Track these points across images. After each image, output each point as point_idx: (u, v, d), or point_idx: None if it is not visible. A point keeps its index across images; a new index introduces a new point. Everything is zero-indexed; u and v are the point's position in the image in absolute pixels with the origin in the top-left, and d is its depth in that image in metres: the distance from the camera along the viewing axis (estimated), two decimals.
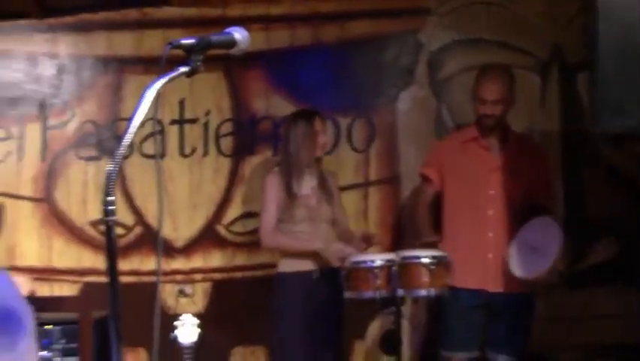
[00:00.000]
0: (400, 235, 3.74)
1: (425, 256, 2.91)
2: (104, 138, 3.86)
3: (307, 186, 3.26)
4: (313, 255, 3.17)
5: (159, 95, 1.31)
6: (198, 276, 3.77)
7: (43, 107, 3.90)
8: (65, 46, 3.94)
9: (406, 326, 3.42)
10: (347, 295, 3.00)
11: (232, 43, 1.41)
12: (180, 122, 3.84)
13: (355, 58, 3.84)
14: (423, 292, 2.96)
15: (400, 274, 2.89)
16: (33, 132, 3.90)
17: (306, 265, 3.19)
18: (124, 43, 3.90)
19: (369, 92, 3.83)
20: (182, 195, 3.79)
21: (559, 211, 3.51)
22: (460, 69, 3.76)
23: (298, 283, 3.19)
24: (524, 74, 3.66)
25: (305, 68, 3.89)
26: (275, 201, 3.23)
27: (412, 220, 3.52)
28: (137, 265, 3.70)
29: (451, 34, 3.80)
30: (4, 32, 3.95)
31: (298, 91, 3.84)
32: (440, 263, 2.92)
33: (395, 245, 3.58)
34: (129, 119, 1.27)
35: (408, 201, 3.73)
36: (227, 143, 3.86)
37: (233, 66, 3.81)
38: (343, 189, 3.62)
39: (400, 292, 2.90)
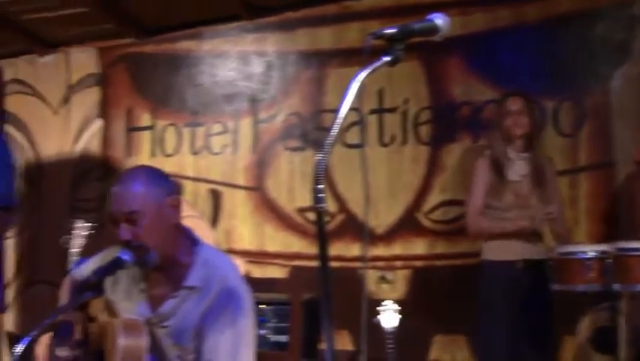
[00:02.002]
0: (614, 225, 3.44)
1: None
2: (308, 130, 4.05)
3: (518, 172, 3.12)
4: (520, 234, 3.01)
5: (363, 86, 1.33)
6: (399, 263, 3.81)
7: (253, 102, 4.20)
8: (272, 44, 4.20)
9: (622, 323, 3.15)
10: (555, 287, 2.84)
11: (434, 29, 1.39)
12: (379, 111, 3.90)
13: (561, 36, 3.60)
14: None
15: (616, 267, 2.65)
16: (245, 126, 4.21)
17: (511, 254, 3.06)
18: (325, 38, 4.05)
19: (578, 72, 3.57)
20: (382, 183, 3.84)
21: None
22: None
23: (502, 272, 3.07)
24: None
25: (506, 51, 3.72)
26: (483, 186, 3.14)
27: (629, 209, 3.22)
28: (341, 251, 3.81)
29: None
30: (219, 35, 4.32)
31: (499, 75, 3.69)
32: None
33: (608, 236, 3.30)
34: (335, 110, 1.30)
35: (623, 187, 3.43)
36: (425, 131, 3.85)
37: (430, 53, 3.78)
38: None
39: (616, 286, 2.67)
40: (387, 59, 1.34)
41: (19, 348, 1.58)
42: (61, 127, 4.66)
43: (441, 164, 3.79)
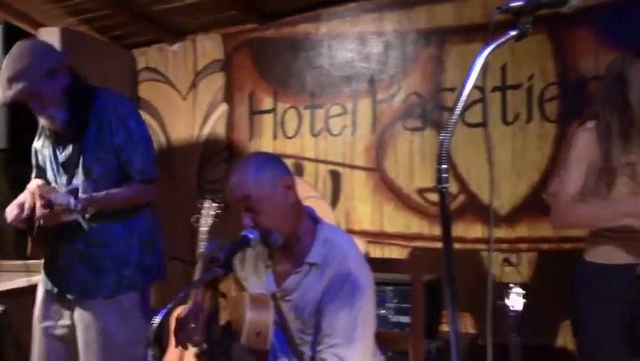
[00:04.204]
0: None
1: None
2: (428, 109, 3.99)
3: (634, 151, 2.40)
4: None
5: (486, 63, 1.29)
6: (523, 245, 3.68)
7: (372, 82, 4.20)
8: (390, 23, 4.16)
9: None
10: None
11: (563, 0, 1.32)
12: (502, 88, 3.76)
13: None
14: None
15: None
16: (364, 107, 4.22)
17: (627, 256, 2.43)
18: (445, 15, 3.95)
19: None
20: (506, 162, 3.72)
21: None
22: None
23: (617, 279, 2.44)
24: None
25: None
26: (582, 166, 2.48)
27: None
28: (462, 232, 3.76)
29: None
30: (338, 16, 4.34)
31: (633, 47, 3.44)
32: None
33: None
34: (455, 89, 1.27)
35: None
36: (552, 107, 3.67)
37: (558, 26, 3.59)
38: None
39: None
40: (513, 33, 1.30)
41: (157, 319, 1.69)
42: (190, 112, 4.90)
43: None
